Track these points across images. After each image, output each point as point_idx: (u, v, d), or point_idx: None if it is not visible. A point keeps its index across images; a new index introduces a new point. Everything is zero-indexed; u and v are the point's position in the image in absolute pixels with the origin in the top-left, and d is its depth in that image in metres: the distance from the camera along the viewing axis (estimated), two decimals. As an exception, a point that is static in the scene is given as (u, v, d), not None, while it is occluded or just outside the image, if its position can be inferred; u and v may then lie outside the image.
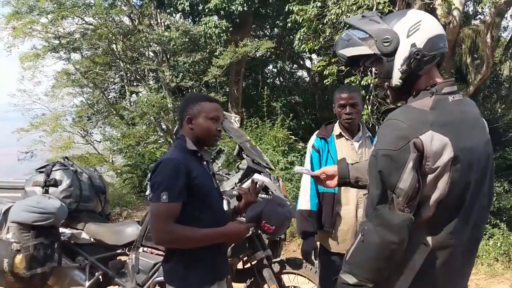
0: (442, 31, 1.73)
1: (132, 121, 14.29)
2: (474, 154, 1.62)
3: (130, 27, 14.10)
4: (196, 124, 2.23)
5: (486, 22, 9.39)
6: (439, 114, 1.60)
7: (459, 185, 1.58)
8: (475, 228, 1.67)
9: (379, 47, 1.70)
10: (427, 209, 1.59)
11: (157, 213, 2.08)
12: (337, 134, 2.99)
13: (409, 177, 1.53)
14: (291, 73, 17.69)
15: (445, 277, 1.66)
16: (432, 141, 1.54)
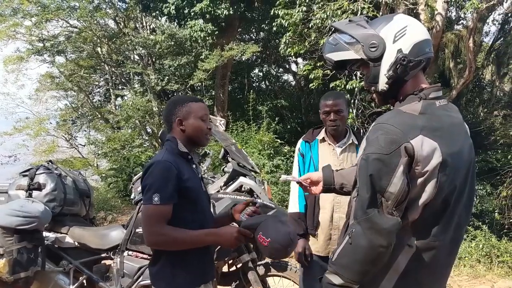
0: (427, 36, 1.75)
1: (117, 124, 14.21)
2: (460, 158, 1.65)
3: (115, 30, 14.04)
4: (187, 125, 2.24)
5: (469, 27, 9.53)
6: (428, 119, 1.63)
7: (446, 189, 1.61)
8: (457, 229, 1.70)
9: (366, 52, 1.72)
10: (413, 212, 1.62)
11: (149, 215, 2.07)
12: (320, 138, 3.01)
13: (399, 181, 1.55)
14: (277, 77, 17.74)
15: (428, 278, 1.69)
16: (423, 145, 1.56)
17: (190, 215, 2.16)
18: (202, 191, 2.33)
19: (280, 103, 13.96)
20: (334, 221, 2.89)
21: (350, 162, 2.92)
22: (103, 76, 16.53)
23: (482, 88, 13.92)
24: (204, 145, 2.36)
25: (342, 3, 8.17)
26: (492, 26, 14.03)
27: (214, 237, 2.14)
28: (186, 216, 2.14)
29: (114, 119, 14.25)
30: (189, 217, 2.15)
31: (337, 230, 2.88)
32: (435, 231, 1.64)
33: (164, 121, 2.35)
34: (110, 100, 16.36)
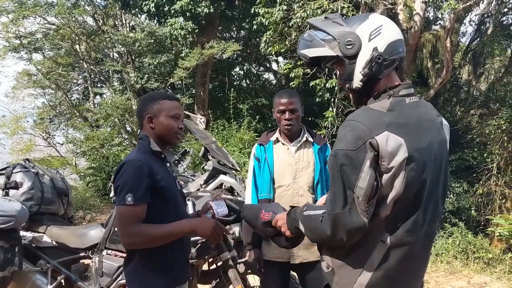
0: (401, 36, 1.78)
1: (96, 123, 14.07)
2: (429, 154, 1.67)
3: (94, 27, 13.89)
4: (157, 122, 2.20)
5: (446, 28, 9.69)
6: (395, 115, 1.66)
7: (415, 184, 1.63)
8: (430, 223, 1.73)
9: (341, 49, 1.73)
10: (385, 208, 1.64)
11: (123, 216, 2.04)
12: (274, 140, 2.95)
13: (367, 175, 1.57)
14: (258, 76, 17.74)
15: (404, 273, 1.72)
16: (387, 141, 1.59)
17: (164, 214, 2.13)
18: (177, 190, 2.29)
19: (261, 102, 13.98)
20: None
21: (307, 159, 2.87)
22: (82, 74, 16.35)
23: (459, 87, 14.17)
24: (174, 145, 2.33)
25: (322, 3, 8.23)
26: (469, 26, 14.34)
27: (190, 227, 2.12)
28: (160, 216, 2.11)
29: (93, 118, 14.10)
30: (163, 216, 2.12)
31: None
32: (409, 227, 1.67)
33: (137, 118, 2.32)
34: (88, 98, 16.18)
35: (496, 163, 9.78)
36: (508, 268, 5.95)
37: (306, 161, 2.87)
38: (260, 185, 2.87)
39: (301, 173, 2.85)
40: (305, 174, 2.85)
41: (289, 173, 2.84)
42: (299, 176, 2.84)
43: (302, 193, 2.84)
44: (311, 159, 2.88)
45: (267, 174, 2.84)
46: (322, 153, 2.93)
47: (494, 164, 9.76)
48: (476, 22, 13.67)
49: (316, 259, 2.86)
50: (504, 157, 9.81)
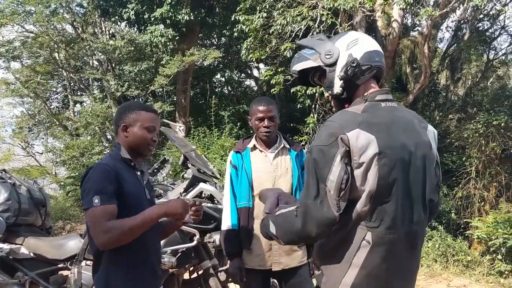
0: (378, 48, 1.92)
1: (76, 131, 13.92)
2: (401, 153, 1.76)
3: (73, 35, 13.77)
4: (131, 132, 2.20)
5: (423, 34, 9.86)
6: (368, 116, 1.78)
7: (387, 180, 1.72)
8: (412, 223, 1.80)
9: (322, 59, 1.90)
10: (361, 204, 1.73)
11: (92, 218, 2.01)
12: (251, 147, 2.93)
13: (337, 168, 1.68)
14: (239, 82, 17.77)
15: (389, 272, 1.78)
16: (358, 137, 1.70)
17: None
18: (145, 199, 2.26)
19: (243, 108, 13.99)
20: None
21: (285, 166, 2.88)
22: (61, 82, 16.15)
23: (438, 92, 14.38)
24: (145, 156, 2.32)
25: (302, 10, 8.30)
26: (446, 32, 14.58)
27: (160, 210, 2.12)
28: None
29: (73, 126, 13.95)
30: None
31: None
32: (388, 224, 1.75)
33: (113, 124, 2.35)
34: (68, 107, 15.98)
35: (475, 166, 9.95)
36: (487, 270, 6.05)
37: (284, 168, 2.88)
38: (239, 193, 2.86)
39: (279, 179, 2.85)
40: (283, 180, 2.86)
41: (268, 180, 2.84)
42: (278, 183, 2.85)
43: None
44: (289, 166, 2.89)
45: (245, 182, 2.83)
46: (299, 159, 2.95)
47: (473, 167, 9.93)
48: (453, 28, 13.94)
49: (297, 265, 2.87)
50: (482, 161, 9.98)
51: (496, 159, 10.16)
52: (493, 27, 13.91)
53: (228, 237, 2.85)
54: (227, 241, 2.85)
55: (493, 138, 9.88)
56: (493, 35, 14.13)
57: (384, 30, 10.15)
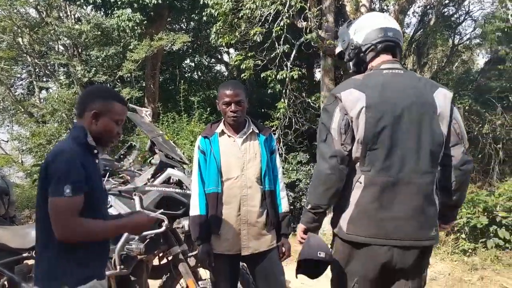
0: (381, 25, 2.28)
1: (42, 118, 13.58)
2: (391, 108, 2.11)
3: (37, 19, 13.33)
4: (101, 122, 2.13)
5: (391, 19, 9.93)
6: (365, 79, 2.22)
7: (373, 130, 2.10)
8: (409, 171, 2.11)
9: (341, 45, 2.43)
10: (355, 150, 2.15)
11: (61, 209, 1.94)
12: (219, 132, 2.91)
13: (337, 118, 2.16)
14: (209, 67, 17.60)
15: (380, 211, 2.12)
16: (350, 95, 2.15)
17: (85, 212, 2.01)
18: (102, 189, 2.23)
19: (213, 94, 13.88)
20: (242, 216, 2.82)
21: (253, 151, 2.87)
22: (26, 68, 15.70)
23: (405, 77, 14.61)
24: (106, 147, 2.28)
25: (271, -6, 8.25)
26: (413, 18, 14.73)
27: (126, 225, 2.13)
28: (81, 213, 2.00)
29: (39, 113, 13.59)
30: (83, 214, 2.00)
31: (246, 225, 2.82)
32: (379, 168, 2.11)
33: (77, 104, 2.21)
34: (33, 93, 15.57)
35: (441, 149, 10.18)
36: (451, 249, 6.23)
37: (253, 153, 2.88)
38: (207, 179, 2.85)
39: (248, 164, 2.86)
40: (252, 165, 2.86)
41: (236, 165, 2.84)
42: (247, 168, 2.85)
43: (251, 185, 2.85)
44: (257, 150, 2.89)
45: (214, 167, 2.83)
46: (268, 143, 2.95)
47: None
48: (419, 14, 14.10)
49: (266, 249, 2.90)
50: (448, 143, 10.23)
51: (461, 142, 10.43)
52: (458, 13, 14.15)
53: (196, 222, 2.85)
54: (195, 226, 2.85)
55: (458, 121, 10.13)
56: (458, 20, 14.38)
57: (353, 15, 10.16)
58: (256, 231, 2.87)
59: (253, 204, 2.85)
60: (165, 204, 3.20)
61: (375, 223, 2.12)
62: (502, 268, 5.46)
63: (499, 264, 5.63)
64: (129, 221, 2.14)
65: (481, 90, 11.67)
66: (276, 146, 3.06)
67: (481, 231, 6.36)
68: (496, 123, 10.46)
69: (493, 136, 10.38)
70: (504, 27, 10.68)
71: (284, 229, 2.96)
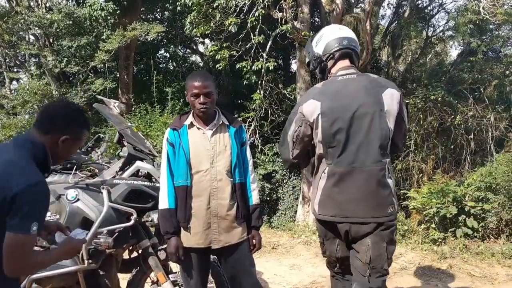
0: (341, 35, 2.73)
1: (13, 110, 13.30)
2: (343, 112, 2.53)
3: (7, 8, 13.00)
4: (67, 147, 2.00)
5: (366, 11, 9.99)
6: (323, 87, 2.67)
7: (329, 132, 2.55)
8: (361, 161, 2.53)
9: (308, 56, 2.89)
10: (318, 148, 2.64)
11: (22, 246, 1.79)
12: (188, 124, 2.85)
13: (293, 127, 2.69)
14: (184, 58, 17.47)
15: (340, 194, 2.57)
16: (308, 106, 2.61)
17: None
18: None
19: (188, 85, 13.78)
20: (212, 209, 2.78)
21: (223, 143, 2.84)
22: (-5, 58, 15.31)
23: (379, 68, 14.70)
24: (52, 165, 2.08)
25: (244, -16, 8.20)
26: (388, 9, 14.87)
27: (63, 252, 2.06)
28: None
29: (9, 104, 13.29)
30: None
31: (216, 218, 2.79)
32: (336, 161, 2.57)
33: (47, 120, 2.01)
34: (4, 84, 15.25)
35: (414, 140, 10.34)
36: (422, 238, 6.35)
37: (223, 145, 2.83)
38: (176, 172, 2.81)
39: (218, 157, 2.81)
40: (222, 158, 2.82)
41: (206, 158, 2.80)
42: (217, 160, 2.81)
43: (221, 178, 2.81)
44: (227, 143, 2.85)
45: (183, 160, 2.78)
46: (238, 135, 2.91)
47: (412, 141, 10.31)
48: (394, 5, 14.23)
49: (237, 242, 2.88)
50: (421, 134, 10.40)
51: (433, 133, 10.62)
52: (432, 5, 14.33)
53: (165, 216, 2.80)
54: (164, 220, 2.81)
55: (431, 112, 10.31)
56: (432, 12, 14.57)
57: (328, 7, 10.22)
58: (226, 224, 2.85)
59: (223, 197, 2.82)
60: (134, 197, 3.15)
61: (337, 205, 2.59)
62: (470, 257, 5.58)
63: (468, 253, 5.75)
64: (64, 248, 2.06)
65: (453, 81, 11.86)
66: (247, 138, 3.04)
67: (450, 220, 6.50)
68: (468, 114, 10.67)
69: (465, 127, 10.59)
70: (476, 19, 10.87)
71: (255, 221, 2.94)
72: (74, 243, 2.12)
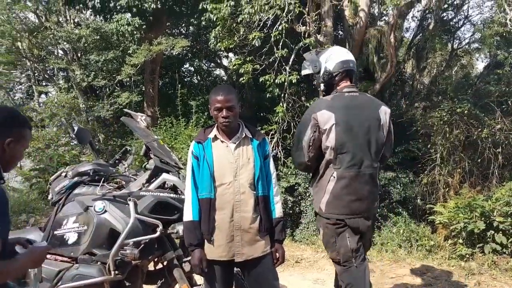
0: (347, 57, 3.23)
1: (41, 123, 13.57)
2: (352, 123, 3.05)
3: (36, 24, 13.38)
4: (14, 149, 2.01)
5: (390, 23, 9.96)
6: (333, 101, 3.12)
7: (341, 140, 3.02)
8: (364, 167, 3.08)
9: (313, 69, 3.27)
10: (329, 154, 3.07)
11: None
12: (212, 137, 2.89)
13: (308, 133, 3.07)
14: (209, 72, 17.63)
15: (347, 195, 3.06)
16: (323, 115, 3.03)
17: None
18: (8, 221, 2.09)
19: (212, 98, 13.87)
20: (235, 222, 2.80)
21: (246, 156, 2.85)
22: (25, 72, 15.69)
23: (404, 81, 14.59)
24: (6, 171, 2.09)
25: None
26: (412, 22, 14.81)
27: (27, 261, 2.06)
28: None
29: (38, 117, 13.58)
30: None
31: (239, 231, 2.80)
32: (345, 166, 3.04)
33: None
34: (33, 97, 15.58)
35: (439, 153, 10.17)
36: (448, 254, 6.22)
37: (246, 158, 2.85)
38: (200, 184, 2.83)
39: (241, 170, 2.83)
40: (245, 171, 2.84)
41: (229, 171, 2.82)
42: (240, 173, 2.83)
43: (244, 191, 2.83)
44: (251, 156, 2.87)
45: (207, 173, 2.81)
46: (261, 148, 2.93)
47: (438, 154, 10.14)
48: (418, 18, 14.13)
49: (260, 255, 2.88)
50: (447, 148, 10.21)
51: (459, 146, 10.41)
52: (457, 17, 14.20)
53: (189, 228, 2.83)
54: (188, 232, 2.83)
55: (457, 125, 10.11)
56: (457, 24, 14.42)
57: (352, 20, 10.23)
58: (249, 237, 2.85)
59: (246, 210, 2.83)
60: (160, 209, 3.19)
61: (345, 204, 3.08)
62: (499, 273, 5.44)
63: (496, 269, 5.61)
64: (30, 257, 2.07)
65: (480, 94, 11.65)
66: (270, 151, 3.06)
67: (478, 236, 6.35)
68: (495, 128, 10.44)
69: (492, 140, 10.35)
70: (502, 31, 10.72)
71: (278, 234, 2.94)
72: (39, 251, 2.13)
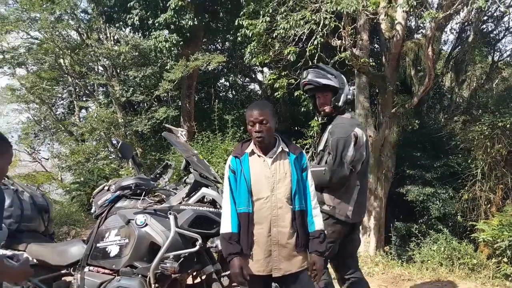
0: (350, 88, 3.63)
1: (81, 137, 14.00)
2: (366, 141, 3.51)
3: (78, 41, 13.86)
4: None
5: (427, 36, 9.80)
6: (353, 120, 3.54)
7: (367, 154, 3.49)
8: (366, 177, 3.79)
9: (339, 84, 3.42)
10: (357, 167, 3.41)
11: None
12: (249, 152, 2.87)
13: (351, 149, 3.31)
14: (244, 86, 17.80)
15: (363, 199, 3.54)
16: (359, 132, 3.36)
17: None
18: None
19: (247, 112, 13.97)
20: (273, 236, 2.77)
21: (283, 170, 2.82)
22: (66, 87, 16.26)
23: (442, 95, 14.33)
24: None
25: (305, 14, 8.30)
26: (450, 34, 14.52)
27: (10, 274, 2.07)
28: None
29: (78, 132, 14.02)
30: None
31: (276, 246, 2.77)
32: (364, 176, 3.58)
33: None
34: (74, 112, 16.10)
35: (480, 168, 9.89)
36: (492, 273, 5.99)
37: (283, 172, 2.83)
38: (238, 199, 2.83)
39: (278, 184, 2.81)
40: (282, 185, 2.82)
41: (266, 185, 2.81)
42: (277, 188, 2.81)
43: (281, 205, 2.81)
44: (287, 170, 2.85)
45: (244, 187, 2.80)
46: (298, 162, 2.90)
47: (479, 169, 9.87)
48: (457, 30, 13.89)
49: (298, 270, 2.84)
50: (488, 163, 9.92)
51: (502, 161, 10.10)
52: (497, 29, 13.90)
53: (227, 239, 2.81)
54: (225, 243, 2.80)
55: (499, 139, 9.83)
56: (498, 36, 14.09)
57: (388, 33, 10.13)
58: (287, 252, 2.82)
59: (284, 225, 2.80)
60: (199, 223, 3.21)
61: (362, 210, 3.60)
62: (547, 294, 5.20)
63: (544, 289, 5.36)
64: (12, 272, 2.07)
65: (522, 107, 11.30)
66: (308, 164, 3.02)
67: (524, 254, 6.12)
68: (539, 142, 10.08)
69: (536, 155, 10.01)
70: (545, 43, 10.36)
71: (317, 245, 2.85)
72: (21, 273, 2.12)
